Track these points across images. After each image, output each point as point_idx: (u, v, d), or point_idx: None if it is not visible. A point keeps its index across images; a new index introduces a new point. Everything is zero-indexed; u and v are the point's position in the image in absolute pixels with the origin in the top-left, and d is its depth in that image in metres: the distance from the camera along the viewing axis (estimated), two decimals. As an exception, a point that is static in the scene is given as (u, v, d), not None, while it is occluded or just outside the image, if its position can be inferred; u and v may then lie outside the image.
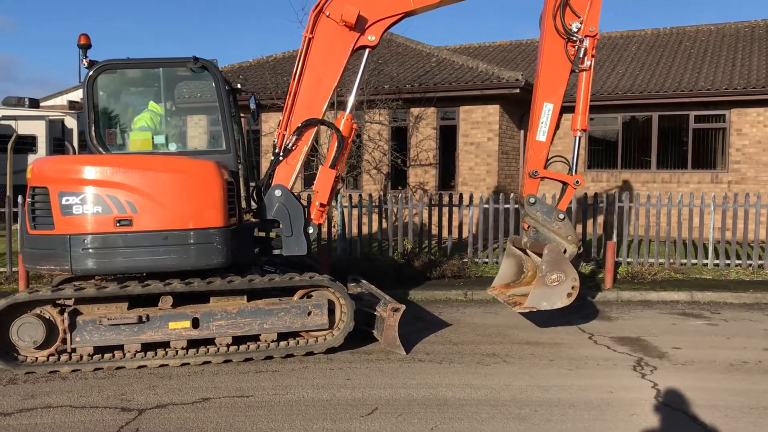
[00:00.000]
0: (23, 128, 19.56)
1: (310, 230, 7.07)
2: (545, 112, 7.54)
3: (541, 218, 7.55)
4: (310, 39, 7.06)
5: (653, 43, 19.76)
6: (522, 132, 16.15)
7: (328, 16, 7.03)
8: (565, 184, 7.77)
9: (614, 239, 11.23)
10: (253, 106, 7.64)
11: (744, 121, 15.44)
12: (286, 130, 7.13)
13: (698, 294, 9.77)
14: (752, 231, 12.64)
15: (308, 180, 12.87)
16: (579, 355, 6.68)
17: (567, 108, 8.20)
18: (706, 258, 11.46)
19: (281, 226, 7.02)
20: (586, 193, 12.15)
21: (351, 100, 7.32)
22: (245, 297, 6.51)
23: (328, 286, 6.59)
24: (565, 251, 7.26)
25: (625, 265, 11.35)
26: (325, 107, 7.12)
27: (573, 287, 6.88)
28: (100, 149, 6.80)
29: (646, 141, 16.43)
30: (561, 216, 7.46)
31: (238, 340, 6.43)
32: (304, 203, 7.34)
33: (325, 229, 11.90)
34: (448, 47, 21.45)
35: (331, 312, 6.60)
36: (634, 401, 5.31)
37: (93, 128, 6.81)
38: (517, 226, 11.58)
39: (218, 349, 6.38)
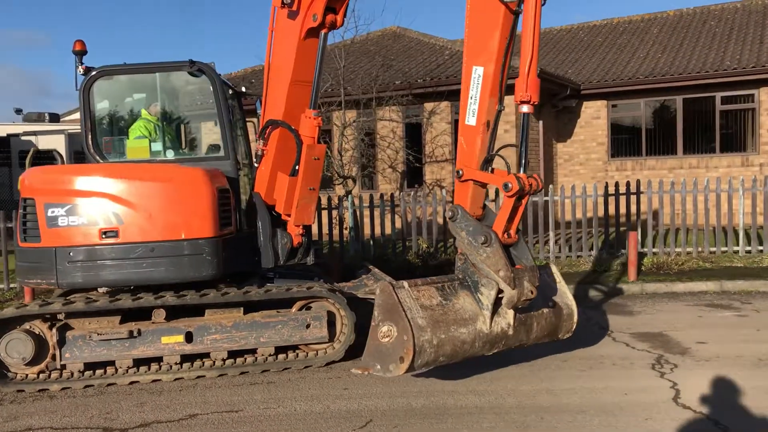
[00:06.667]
0: (44, 143, 19.68)
1: (282, 241, 6.56)
2: (474, 81, 5.20)
3: (466, 241, 5.24)
4: (272, 32, 6.51)
5: (676, 24, 19.10)
6: (540, 122, 15.68)
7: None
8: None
9: (633, 228, 10.73)
10: (260, 111, 7.34)
11: (774, 100, 14.76)
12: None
13: (728, 283, 9.25)
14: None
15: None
16: (594, 354, 6.27)
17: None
18: (737, 245, 10.89)
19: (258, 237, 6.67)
20: (606, 183, 11.69)
21: (313, 93, 6.51)
22: (242, 310, 6.24)
23: (327, 297, 6.28)
24: (500, 294, 5.09)
25: (650, 255, 10.85)
26: (284, 107, 6.45)
27: (406, 350, 4.73)
28: (98, 158, 6.64)
29: (671, 126, 15.85)
30: (481, 239, 5.09)
31: (234, 354, 6.18)
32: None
33: (336, 231, 11.63)
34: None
35: (332, 324, 6.29)
36: (650, 404, 4.90)
37: (90, 136, 6.65)
38: (542, 220, 11.16)
39: (213, 362, 6.12)
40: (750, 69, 14.52)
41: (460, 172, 5.38)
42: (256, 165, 6.77)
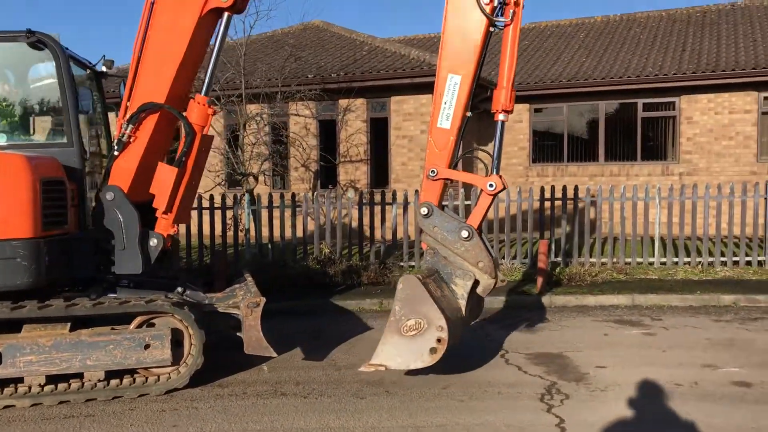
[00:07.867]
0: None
1: (153, 242, 5.60)
2: (449, 88, 5.52)
3: (440, 236, 5.49)
4: (152, 3, 5.63)
5: (602, 30, 18.83)
6: (460, 124, 15.02)
7: None
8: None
9: (548, 237, 10.12)
10: (125, 93, 6.31)
11: (694, 109, 14.51)
12: (124, 118, 5.77)
13: (640, 297, 8.70)
14: (702, 226, 11.67)
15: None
16: (480, 379, 5.50)
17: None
18: (653, 256, 10.43)
19: (115, 237, 5.64)
20: (543, 188, 11.09)
21: (207, 79, 5.77)
22: (68, 326, 5.22)
23: (171, 312, 5.32)
24: (476, 284, 5.39)
25: (562, 266, 10.26)
26: (167, 90, 5.56)
27: (439, 340, 4.87)
28: None
29: (593, 132, 15.46)
30: (465, 234, 5.37)
31: (58, 378, 5.15)
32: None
33: (231, 233, 10.63)
34: (392, 39, 20.31)
35: (179, 344, 5.35)
36: (530, 447, 4.15)
37: None
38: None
39: (29, 389, 5.08)
40: (671, 76, 14.24)
41: (434, 171, 5.57)
42: (116, 153, 5.74)
